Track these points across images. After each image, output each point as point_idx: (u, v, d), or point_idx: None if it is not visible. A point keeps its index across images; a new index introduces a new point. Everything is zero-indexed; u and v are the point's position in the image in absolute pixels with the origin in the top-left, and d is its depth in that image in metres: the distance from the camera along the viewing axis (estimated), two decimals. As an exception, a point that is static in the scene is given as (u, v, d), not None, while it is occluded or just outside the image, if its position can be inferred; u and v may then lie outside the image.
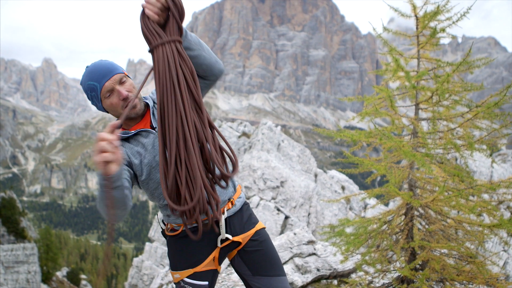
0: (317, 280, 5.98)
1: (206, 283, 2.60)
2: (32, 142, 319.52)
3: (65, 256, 72.66)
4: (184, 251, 2.62)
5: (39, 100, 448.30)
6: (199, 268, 2.59)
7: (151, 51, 2.12)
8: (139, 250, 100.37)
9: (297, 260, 6.12)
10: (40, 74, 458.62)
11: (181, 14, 2.14)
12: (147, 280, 17.49)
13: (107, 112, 2.54)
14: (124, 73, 2.46)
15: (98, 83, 2.38)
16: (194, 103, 2.13)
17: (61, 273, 46.27)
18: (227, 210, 2.65)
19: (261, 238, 2.74)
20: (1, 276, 29.70)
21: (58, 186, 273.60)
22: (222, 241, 2.64)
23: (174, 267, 2.67)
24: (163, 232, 2.80)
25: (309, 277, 5.84)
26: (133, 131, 2.51)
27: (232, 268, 6.65)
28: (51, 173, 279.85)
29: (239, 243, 2.70)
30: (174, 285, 2.74)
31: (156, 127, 2.53)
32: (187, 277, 2.60)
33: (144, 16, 2.09)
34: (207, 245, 2.61)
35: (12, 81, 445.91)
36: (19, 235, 36.61)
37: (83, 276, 52.75)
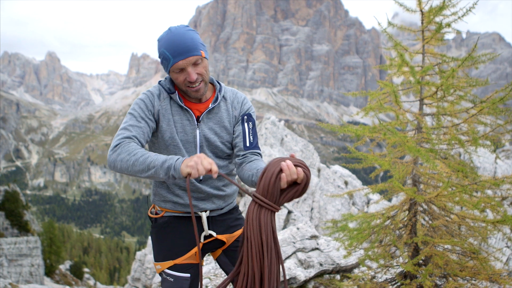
0: (320, 275, 5.99)
1: (187, 275, 2.61)
2: (35, 136, 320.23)
3: (68, 249, 72.95)
4: (165, 242, 2.64)
5: (42, 93, 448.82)
6: (179, 261, 2.61)
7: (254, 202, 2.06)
8: (142, 244, 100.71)
9: (300, 255, 6.12)
10: (43, 68, 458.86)
11: (300, 194, 2.11)
12: (150, 274, 17.55)
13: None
14: (201, 54, 2.41)
15: (173, 58, 2.36)
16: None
17: (64, 266, 46.51)
18: (210, 211, 2.68)
19: None
20: (4, 269, 29.85)
21: (61, 179, 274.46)
22: (206, 237, 2.67)
23: (156, 258, 2.71)
24: (149, 216, 2.81)
25: (312, 272, 5.85)
26: (184, 105, 2.54)
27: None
28: (54, 166, 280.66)
29: (223, 242, 2.74)
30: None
31: (201, 121, 2.56)
32: (168, 268, 2.62)
33: (278, 175, 2.01)
34: (189, 239, 2.63)
35: (16, 75, 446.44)
36: (23, 229, 36.78)
37: (86, 269, 52.99)
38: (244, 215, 2.56)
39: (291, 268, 5.75)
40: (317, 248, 6.34)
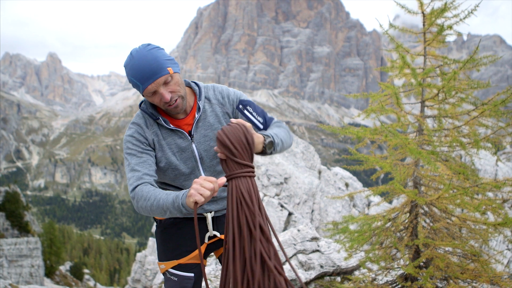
0: (320, 277, 5.98)
1: (191, 274, 2.64)
2: (36, 137, 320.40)
3: (68, 250, 72.95)
4: (170, 242, 2.67)
5: (43, 94, 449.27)
6: (183, 260, 2.64)
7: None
8: (142, 245, 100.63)
9: (301, 257, 6.12)
10: (44, 69, 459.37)
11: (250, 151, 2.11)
12: (150, 275, 17.53)
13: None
14: (169, 71, 2.33)
15: (141, 84, 2.31)
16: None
17: (64, 267, 46.50)
18: (215, 211, 2.69)
19: None
20: (4, 269, 29.85)
21: (62, 180, 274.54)
22: (210, 237, 2.68)
23: (160, 257, 2.73)
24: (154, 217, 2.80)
25: (312, 274, 5.84)
26: (175, 128, 2.50)
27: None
28: (55, 167, 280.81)
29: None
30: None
31: (193, 135, 2.54)
32: (172, 268, 2.65)
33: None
34: (194, 239, 2.64)
35: (17, 76, 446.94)
36: (23, 229, 36.79)
37: (86, 270, 52.99)
38: None
39: (291, 270, 5.75)
40: (317, 250, 6.33)
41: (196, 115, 2.55)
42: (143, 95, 2.42)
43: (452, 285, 4.32)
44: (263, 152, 2.23)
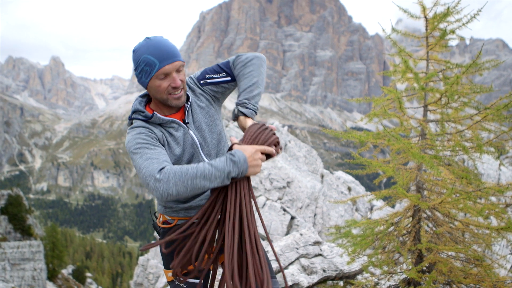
0: (323, 281, 5.97)
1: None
2: (39, 140, 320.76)
3: (71, 254, 72.95)
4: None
5: (46, 98, 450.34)
6: (192, 266, 2.58)
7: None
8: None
9: (303, 261, 6.11)
10: (47, 72, 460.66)
11: None
12: (153, 279, 17.52)
13: (146, 89, 2.49)
14: (183, 61, 2.42)
15: (159, 62, 2.31)
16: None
17: (66, 271, 46.47)
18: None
19: None
20: (7, 273, 29.86)
21: (65, 184, 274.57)
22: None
23: (167, 265, 2.67)
24: (154, 225, 2.77)
25: (315, 278, 5.83)
26: (169, 118, 2.47)
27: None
28: (57, 171, 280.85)
29: None
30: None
31: (188, 122, 2.54)
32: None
33: None
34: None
35: (20, 79, 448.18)
36: (26, 233, 36.81)
37: (88, 274, 52.96)
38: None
39: (294, 274, 5.74)
40: (320, 254, 6.32)
41: (187, 105, 2.57)
42: (148, 81, 2.40)
43: (455, 290, 4.32)
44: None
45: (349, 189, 16.83)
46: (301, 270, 5.99)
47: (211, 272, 2.58)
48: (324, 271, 5.97)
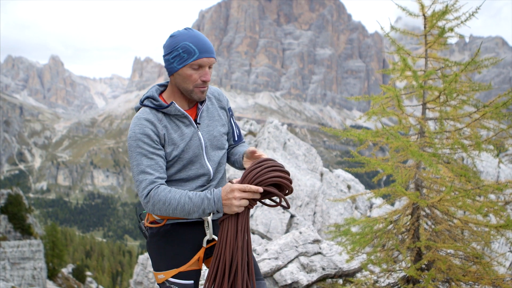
0: (322, 279, 5.97)
1: (191, 282, 2.59)
2: (38, 139, 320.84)
3: (71, 253, 72.90)
4: (169, 251, 2.60)
5: (46, 97, 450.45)
6: (183, 268, 2.57)
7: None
8: (144, 248, 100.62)
9: (303, 259, 6.11)
10: (47, 72, 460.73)
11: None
12: (153, 278, 17.52)
13: (171, 75, 2.52)
14: (216, 60, 2.51)
15: (199, 53, 2.37)
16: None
17: (66, 270, 46.46)
18: (213, 214, 2.67)
19: None
20: (7, 272, 29.87)
21: (64, 183, 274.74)
22: (208, 241, 2.65)
23: (157, 267, 2.64)
24: (140, 226, 2.78)
25: (314, 276, 5.83)
26: (185, 112, 2.51)
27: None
28: (57, 170, 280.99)
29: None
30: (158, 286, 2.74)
31: (199, 123, 2.60)
32: (172, 277, 2.58)
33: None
34: (192, 245, 2.61)
35: (19, 78, 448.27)
36: (26, 232, 36.85)
37: (88, 273, 53.00)
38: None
39: (294, 272, 5.74)
40: (319, 252, 6.33)
41: (200, 106, 2.61)
42: (179, 67, 2.42)
43: (454, 287, 4.32)
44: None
45: (349, 187, 16.84)
46: (300, 268, 6.00)
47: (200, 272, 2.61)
48: (323, 269, 5.97)
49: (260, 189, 2.20)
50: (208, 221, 2.58)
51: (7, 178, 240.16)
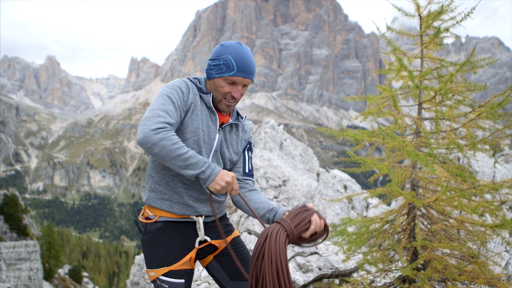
0: (318, 279, 5.98)
1: (182, 281, 2.60)
2: (35, 140, 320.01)
3: (67, 253, 72.77)
4: (160, 248, 2.61)
5: (42, 97, 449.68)
6: (174, 267, 2.58)
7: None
8: (141, 248, 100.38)
9: (299, 259, 6.12)
10: (43, 72, 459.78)
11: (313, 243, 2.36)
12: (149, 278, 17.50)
13: (208, 80, 2.62)
14: (253, 81, 2.59)
15: (237, 71, 2.46)
16: None
17: (63, 271, 46.38)
18: (205, 216, 2.69)
19: (238, 245, 2.84)
20: (3, 273, 29.78)
21: (61, 183, 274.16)
22: (200, 242, 2.67)
23: (149, 265, 2.66)
24: (136, 221, 2.79)
25: (310, 276, 5.84)
26: (214, 110, 2.60)
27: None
28: (53, 170, 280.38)
29: (215, 247, 2.76)
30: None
31: (222, 128, 2.67)
32: (163, 275, 2.59)
33: (308, 224, 2.28)
34: (184, 245, 2.62)
35: (16, 79, 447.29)
36: (22, 232, 36.73)
37: (85, 273, 52.89)
38: (240, 222, 2.61)
39: (290, 273, 5.75)
40: (316, 253, 6.33)
41: (231, 119, 2.72)
42: (216, 77, 2.52)
43: (450, 287, 4.33)
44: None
45: (345, 187, 16.84)
46: (296, 268, 6.00)
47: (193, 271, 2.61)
48: (319, 269, 5.97)
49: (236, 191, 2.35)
50: (199, 222, 2.60)
51: (3, 178, 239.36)
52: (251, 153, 2.92)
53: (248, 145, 2.89)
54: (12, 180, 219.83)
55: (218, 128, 2.61)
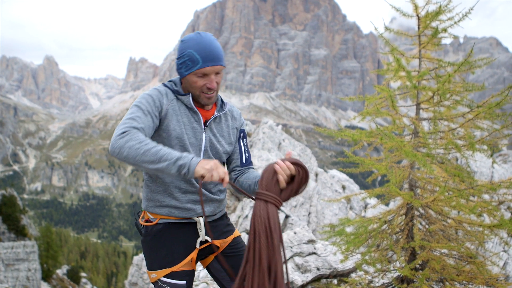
0: (317, 279, 5.98)
1: (184, 282, 2.59)
2: (33, 140, 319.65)
3: (65, 254, 72.68)
4: (161, 250, 2.60)
5: (40, 97, 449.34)
6: (176, 268, 2.57)
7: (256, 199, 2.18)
8: (139, 248, 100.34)
9: (297, 259, 6.12)
10: (41, 72, 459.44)
11: (296, 192, 2.23)
12: (147, 279, 17.49)
13: (181, 79, 2.56)
14: (224, 66, 2.49)
15: (202, 62, 2.38)
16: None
17: (61, 271, 46.30)
18: (207, 216, 2.67)
19: (239, 245, 2.81)
20: (1, 273, 29.73)
21: (59, 184, 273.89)
22: (201, 243, 2.66)
23: (150, 266, 2.64)
24: (136, 223, 2.77)
25: (309, 276, 5.84)
26: (195, 109, 2.54)
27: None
28: (52, 171, 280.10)
29: (216, 248, 2.73)
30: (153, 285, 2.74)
31: (207, 126, 2.60)
32: (164, 276, 2.58)
33: (275, 175, 2.15)
34: (185, 246, 2.61)
35: (14, 79, 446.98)
36: (20, 233, 36.68)
37: (83, 274, 52.81)
38: (237, 220, 2.59)
39: (288, 273, 5.74)
40: (314, 253, 6.33)
41: (216, 113, 2.65)
42: (186, 74, 2.45)
43: (448, 287, 4.33)
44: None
45: (343, 187, 16.86)
46: (295, 268, 6.00)
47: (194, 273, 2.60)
48: (318, 269, 5.97)
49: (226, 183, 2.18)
50: (200, 223, 2.59)
51: (1, 179, 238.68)
52: (246, 140, 2.86)
53: (241, 134, 2.84)
54: (10, 181, 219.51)
55: (203, 127, 2.57)
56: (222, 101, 2.74)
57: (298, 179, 2.18)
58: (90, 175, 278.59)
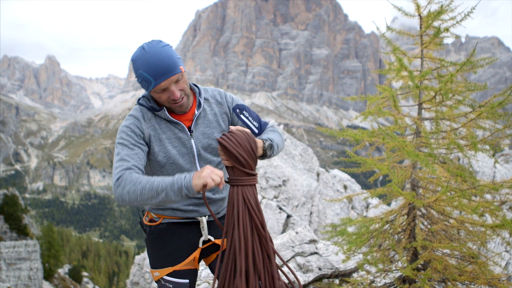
0: (318, 279, 5.98)
1: (186, 281, 2.61)
2: (34, 139, 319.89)
3: (67, 253, 72.73)
4: (164, 249, 2.62)
5: (42, 97, 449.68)
6: (178, 267, 2.59)
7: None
8: (141, 248, 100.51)
9: (299, 259, 6.11)
10: (43, 71, 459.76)
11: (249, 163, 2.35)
12: (149, 278, 17.50)
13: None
14: (181, 70, 2.38)
15: (154, 80, 2.31)
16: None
17: (63, 270, 46.39)
18: (209, 215, 2.67)
19: None
20: (3, 272, 29.77)
21: (61, 183, 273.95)
22: (204, 242, 2.66)
23: (153, 265, 2.67)
24: (141, 223, 2.80)
25: (310, 276, 5.83)
26: (175, 120, 2.51)
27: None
28: (53, 170, 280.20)
29: (218, 246, 2.74)
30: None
31: (192, 131, 2.56)
32: (167, 275, 2.60)
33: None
34: (188, 245, 2.63)
35: (15, 78, 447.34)
36: (22, 232, 36.75)
37: (85, 273, 52.91)
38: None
39: (290, 273, 5.74)
40: (316, 253, 6.33)
41: (196, 112, 2.58)
42: (149, 92, 2.42)
43: (450, 287, 4.32)
44: (263, 156, 2.39)
45: (345, 187, 16.84)
46: (296, 268, 6.00)
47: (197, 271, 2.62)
48: (319, 269, 5.97)
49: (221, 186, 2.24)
50: (203, 222, 2.59)
51: (3, 178, 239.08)
52: (246, 112, 2.74)
53: (237, 111, 2.73)
54: (12, 180, 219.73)
55: (189, 134, 2.54)
56: (199, 93, 2.66)
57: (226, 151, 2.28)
58: (91, 175, 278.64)
